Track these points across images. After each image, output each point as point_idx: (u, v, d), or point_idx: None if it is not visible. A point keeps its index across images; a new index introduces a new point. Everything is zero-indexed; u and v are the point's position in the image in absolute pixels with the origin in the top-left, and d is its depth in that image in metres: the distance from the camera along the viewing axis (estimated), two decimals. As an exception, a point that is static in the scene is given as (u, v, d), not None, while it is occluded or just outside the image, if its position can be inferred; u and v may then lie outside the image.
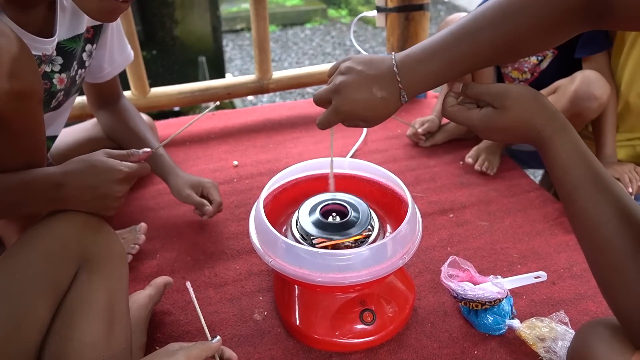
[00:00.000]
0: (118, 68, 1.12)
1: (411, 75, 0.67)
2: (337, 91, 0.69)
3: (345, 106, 0.69)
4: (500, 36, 0.62)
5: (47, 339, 0.64)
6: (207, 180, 1.12)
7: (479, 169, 1.36)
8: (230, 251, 1.10)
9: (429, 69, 0.66)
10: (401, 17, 1.71)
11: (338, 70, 0.71)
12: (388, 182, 0.96)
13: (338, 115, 0.70)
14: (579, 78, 1.17)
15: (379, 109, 0.68)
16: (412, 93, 0.68)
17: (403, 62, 0.67)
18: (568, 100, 1.17)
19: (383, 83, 0.67)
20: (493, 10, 0.63)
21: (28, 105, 0.65)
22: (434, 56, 0.66)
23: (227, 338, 0.89)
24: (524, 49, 0.65)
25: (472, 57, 0.65)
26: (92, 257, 0.69)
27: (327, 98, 0.71)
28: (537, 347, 0.83)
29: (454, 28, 0.66)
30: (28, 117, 0.66)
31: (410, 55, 0.68)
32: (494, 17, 0.62)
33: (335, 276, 0.76)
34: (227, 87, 1.65)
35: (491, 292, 0.85)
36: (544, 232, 1.15)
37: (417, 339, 0.88)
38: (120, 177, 0.71)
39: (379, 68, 0.68)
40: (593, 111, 1.18)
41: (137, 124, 1.14)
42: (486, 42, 0.63)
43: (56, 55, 0.87)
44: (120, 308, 0.71)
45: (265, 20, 1.58)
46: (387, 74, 0.67)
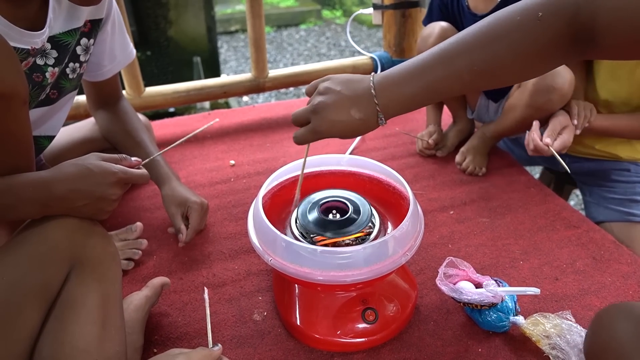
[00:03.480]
0: (118, 65, 1.09)
1: (388, 97, 0.67)
2: (315, 112, 0.70)
3: (322, 127, 0.70)
4: (479, 63, 0.62)
5: (38, 344, 0.62)
6: (194, 200, 1.05)
7: (469, 172, 1.35)
8: (229, 251, 1.08)
9: (406, 91, 0.66)
10: (397, 14, 1.70)
11: (317, 90, 0.71)
12: (389, 178, 0.95)
13: (315, 135, 0.71)
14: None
15: (357, 129, 0.69)
16: (389, 115, 0.68)
17: (381, 83, 0.67)
18: (528, 95, 1.16)
19: (361, 105, 0.68)
20: (473, 35, 0.62)
21: (9, 107, 0.62)
22: (412, 79, 0.66)
23: (226, 339, 0.87)
24: (503, 76, 0.64)
25: (449, 82, 0.64)
26: (84, 259, 0.68)
27: (305, 118, 0.72)
28: (542, 343, 0.81)
29: (434, 51, 0.65)
30: (10, 120, 0.63)
31: (387, 77, 0.67)
32: (473, 43, 0.62)
33: (336, 274, 0.75)
34: (223, 85, 1.64)
35: (486, 296, 0.84)
36: (546, 227, 1.14)
37: (420, 337, 0.87)
38: (114, 180, 0.70)
39: (357, 89, 0.68)
40: (555, 103, 1.14)
41: (135, 128, 1.12)
42: (464, 68, 0.62)
43: (51, 49, 0.85)
44: (113, 310, 0.69)
45: (261, 18, 1.57)
46: (364, 95, 0.67)
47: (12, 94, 0.61)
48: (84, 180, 0.68)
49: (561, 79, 1.11)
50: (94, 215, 0.71)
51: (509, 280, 0.99)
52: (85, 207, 0.69)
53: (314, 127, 0.70)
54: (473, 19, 1.23)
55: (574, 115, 1.14)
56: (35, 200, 0.66)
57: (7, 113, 0.62)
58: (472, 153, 1.36)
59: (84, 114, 1.43)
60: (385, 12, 1.75)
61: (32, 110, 0.88)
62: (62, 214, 0.69)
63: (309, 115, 0.71)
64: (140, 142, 1.09)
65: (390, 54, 1.79)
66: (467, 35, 0.63)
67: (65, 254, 0.66)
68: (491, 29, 0.61)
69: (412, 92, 0.66)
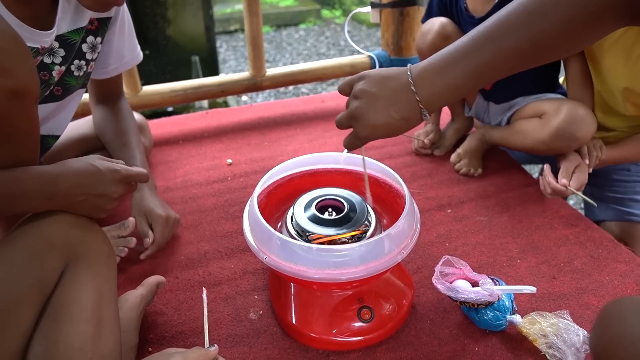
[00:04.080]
0: (125, 66, 1.10)
1: (429, 89, 0.64)
2: (354, 118, 0.68)
3: (364, 132, 0.68)
4: (526, 42, 0.58)
5: (32, 341, 0.62)
6: (159, 213, 1.02)
7: (463, 172, 1.34)
8: (225, 250, 1.08)
9: (449, 80, 0.63)
10: (395, 12, 1.70)
11: (352, 93, 0.69)
12: (385, 177, 0.94)
13: (360, 140, 0.71)
14: (564, 113, 1.09)
15: (400, 128, 0.67)
16: (433, 108, 0.65)
17: (420, 76, 0.64)
18: (548, 134, 1.12)
19: (400, 103, 0.65)
20: (517, 14, 0.59)
21: (22, 105, 0.63)
22: (455, 66, 0.62)
23: (222, 338, 0.87)
24: (550, 54, 0.61)
25: (495, 66, 0.61)
26: (79, 256, 0.67)
27: (347, 124, 0.71)
28: (539, 342, 0.81)
29: (474, 35, 0.62)
30: (21, 117, 0.64)
31: (427, 68, 0.64)
32: (518, 22, 0.58)
33: (331, 272, 0.74)
34: (221, 84, 1.63)
35: (483, 295, 0.84)
36: (543, 226, 1.14)
37: (416, 336, 0.86)
38: (117, 177, 0.71)
39: (394, 87, 0.65)
40: (571, 149, 1.14)
41: (127, 129, 1.11)
42: (510, 49, 0.59)
43: (58, 47, 0.86)
44: (108, 309, 0.69)
45: (259, 16, 1.57)
46: (403, 92, 0.65)
47: (26, 91, 0.62)
48: (88, 176, 0.69)
49: (585, 131, 1.08)
50: (94, 212, 0.72)
51: (506, 279, 0.98)
52: (87, 202, 0.69)
53: (357, 134, 0.70)
54: (471, 22, 1.22)
55: (584, 155, 1.14)
56: (40, 192, 0.66)
57: (21, 110, 0.63)
58: (469, 155, 1.35)
59: (81, 113, 1.42)
60: (383, 10, 1.74)
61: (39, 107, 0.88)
62: (60, 210, 0.69)
63: (349, 122, 0.70)
64: (126, 144, 1.08)
65: (388, 52, 1.79)
66: (511, 13, 0.59)
67: (60, 250, 0.66)
68: (536, 5, 0.57)
69: (456, 81, 0.63)
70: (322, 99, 1.84)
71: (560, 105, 1.12)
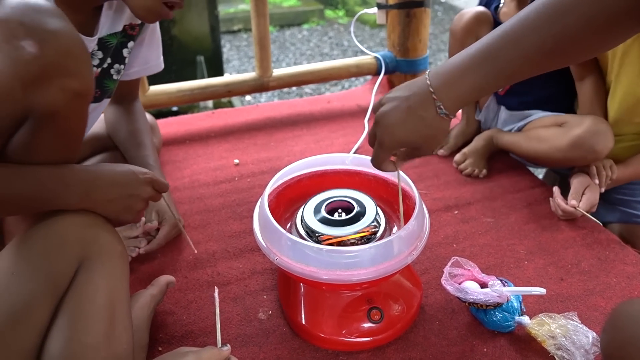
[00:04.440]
0: (147, 71, 1.12)
1: (450, 89, 0.64)
2: (377, 123, 0.69)
3: (384, 136, 0.68)
4: (548, 40, 0.58)
5: (47, 340, 0.62)
6: (171, 215, 1.05)
7: (467, 173, 1.34)
8: (233, 250, 1.08)
9: (472, 81, 0.63)
10: (402, 13, 1.70)
11: (380, 102, 0.71)
12: (394, 177, 0.95)
13: (384, 148, 0.69)
14: (587, 124, 1.11)
15: (420, 130, 0.66)
16: (453, 107, 0.65)
17: (439, 75, 0.65)
18: (568, 143, 1.12)
19: (418, 102, 0.65)
20: (537, 12, 0.58)
21: (80, 106, 0.66)
22: (477, 67, 0.62)
23: (231, 338, 0.87)
24: (574, 53, 0.60)
25: (519, 65, 0.61)
26: (93, 256, 0.68)
27: (373, 134, 0.71)
28: (548, 344, 0.81)
29: (495, 35, 0.61)
30: (78, 116, 0.68)
31: (447, 68, 0.64)
32: (539, 20, 0.58)
33: (342, 274, 0.75)
34: (227, 84, 1.64)
35: (492, 296, 0.84)
36: (550, 227, 1.14)
37: (425, 337, 0.87)
38: (147, 178, 0.76)
39: (414, 88, 0.66)
40: (586, 162, 1.14)
41: (140, 129, 1.12)
42: (533, 48, 0.59)
43: (97, 50, 0.89)
44: (121, 308, 0.69)
45: (266, 17, 1.57)
46: (421, 91, 0.65)
47: (87, 93, 0.65)
48: (123, 175, 0.74)
49: (603, 145, 1.09)
50: (124, 213, 0.74)
51: (514, 280, 0.99)
52: (119, 202, 0.72)
53: (379, 139, 0.69)
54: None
55: (593, 175, 1.14)
56: (81, 188, 0.69)
57: (78, 111, 0.66)
58: (474, 156, 1.36)
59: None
60: (390, 11, 1.75)
61: None
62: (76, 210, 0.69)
63: (375, 130, 0.70)
64: (140, 144, 1.09)
65: (394, 53, 1.79)
66: (531, 12, 0.59)
67: (74, 249, 0.66)
68: (558, 1, 0.57)
69: (478, 80, 0.62)
70: (328, 100, 1.84)
71: (583, 117, 1.14)
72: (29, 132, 0.64)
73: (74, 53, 0.61)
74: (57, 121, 0.64)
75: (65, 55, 0.60)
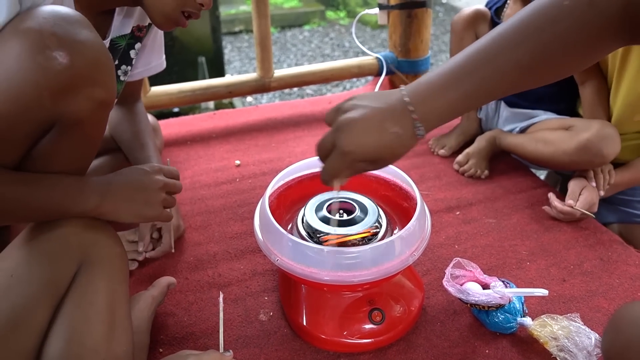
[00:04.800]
0: (150, 71, 1.12)
1: (428, 105, 0.59)
2: (340, 129, 0.59)
3: (350, 146, 0.59)
4: (525, 57, 0.56)
5: (46, 342, 0.62)
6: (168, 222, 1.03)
7: (469, 174, 1.34)
8: (234, 251, 1.08)
9: (451, 97, 0.59)
10: (403, 14, 1.70)
11: (340, 109, 0.62)
12: (395, 178, 0.95)
13: (344, 158, 0.60)
14: (595, 128, 1.11)
15: (392, 147, 0.60)
16: (430, 126, 0.60)
17: (416, 91, 0.60)
18: (575, 146, 1.12)
19: (394, 117, 0.59)
20: (514, 29, 0.57)
21: (103, 114, 0.68)
22: (455, 83, 0.59)
23: (232, 339, 0.87)
24: (552, 70, 0.58)
25: (494, 83, 0.58)
26: (93, 257, 0.68)
27: (330, 142, 0.61)
28: (550, 345, 0.81)
29: (470, 51, 0.59)
30: (100, 125, 0.70)
31: (424, 85, 0.60)
32: (516, 36, 0.56)
33: (343, 274, 0.74)
34: (228, 85, 1.64)
35: (493, 298, 0.84)
36: (552, 228, 1.13)
37: (427, 338, 0.86)
38: (155, 167, 0.78)
39: (389, 101, 0.60)
40: (592, 166, 1.15)
41: (143, 130, 1.12)
42: (509, 65, 0.57)
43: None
44: (121, 310, 0.69)
45: (267, 18, 1.57)
46: (397, 106, 0.59)
47: (111, 102, 0.67)
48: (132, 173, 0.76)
49: (611, 149, 1.10)
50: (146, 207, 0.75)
51: (516, 281, 0.98)
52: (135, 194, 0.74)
53: (341, 148, 0.59)
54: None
55: (590, 178, 1.15)
56: (95, 192, 0.70)
57: (100, 119, 0.68)
58: (477, 157, 1.35)
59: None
60: (391, 12, 1.75)
61: None
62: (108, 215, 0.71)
63: (334, 137, 0.60)
64: (144, 145, 1.09)
65: (395, 54, 1.79)
66: (507, 29, 0.57)
67: (74, 251, 0.66)
68: (534, 18, 0.55)
69: (456, 98, 0.59)
70: (329, 100, 1.84)
71: (591, 121, 1.15)
72: (51, 139, 0.65)
73: (101, 63, 0.62)
74: (82, 129, 0.65)
75: (93, 66, 0.61)
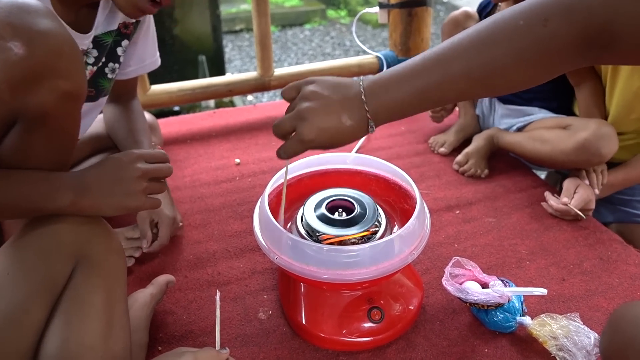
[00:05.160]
0: (144, 69, 1.12)
1: (378, 102, 0.63)
2: (302, 118, 0.64)
3: (310, 135, 0.64)
4: (476, 68, 0.57)
5: (43, 340, 0.62)
6: (166, 213, 1.04)
7: (470, 174, 1.33)
8: (233, 249, 1.08)
9: (396, 97, 0.62)
10: (404, 13, 1.70)
11: (301, 94, 0.67)
12: (395, 177, 0.94)
13: (303, 145, 0.66)
14: (593, 127, 1.11)
15: (346, 136, 0.65)
16: (379, 121, 0.64)
17: (371, 88, 0.63)
18: (573, 146, 1.12)
19: (351, 110, 0.64)
20: (470, 39, 0.58)
21: (72, 106, 0.65)
22: (402, 84, 0.62)
23: (231, 338, 0.87)
24: (502, 83, 0.59)
25: (443, 89, 0.60)
26: (89, 254, 0.67)
27: (290, 126, 0.66)
28: (549, 344, 0.81)
29: (428, 55, 0.61)
30: (69, 118, 0.66)
31: (377, 82, 0.64)
32: (470, 47, 0.57)
33: (342, 273, 0.74)
34: (228, 84, 1.64)
35: (492, 297, 0.83)
36: (552, 227, 1.13)
37: (426, 337, 0.86)
38: (132, 156, 0.72)
39: (347, 94, 0.64)
40: (590, 164, 1.15)
41: (138, 128, 1.11)
42: (459, 73, 0.58)
43: (92, 48, 0.88)
44: (119, 307, 0.69)
45: (267, 16, 1.57)
46: (354, 100, 0.64)
47: (80, 94, 0.64)
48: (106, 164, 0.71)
49: (608, 148, 1.10)
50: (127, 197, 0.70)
51: (516, 280, 0.98)
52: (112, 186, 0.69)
53: (301, 135, 0.65)
54: None
55: (583, 177, 1.16)
56: (68, 188, 0.67)
57: (70, 111, 0.65)
58: (476, 156, 1.35)
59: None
60: (391, 11, 1.74)
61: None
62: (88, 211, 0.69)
63: (294, 123, 0.66)
64: (138, 143, 1.08)
65: (396, 53, 1.79)
66: (464, 38, 0.58)
67: (70, 249, 0.66)
68: (490, 32, 0.56)
69: (401, 98, 0.62)
70: (329, 99, 1.84)
71: (588, 121, 1.15)
72: (19, 135, 0.63)
73: (64, 53, 0.59)
74: (49, 123, 0.63)
75: (54, 56, 0.58)
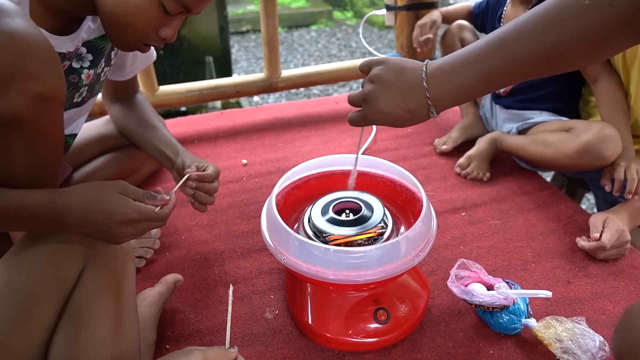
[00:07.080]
0: (139, 66, 1.12)
1: (441, 88, 0.64)
2: (366, 101, 0.70)
3: (372, 116, 0.70)
4: (541, 49, 0.58)
5: (54, 337, 0.63)
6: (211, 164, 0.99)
7: (472, 177, 1.33)
8: (240, 249, 1.09)
9: (461, 81, 0.63)
10: (411, 15, 1.70)
11: (369, 76, 0.71)
12: (402, 179, 0.95)
13: (366, 122, 0.73)
14: (595, 130, 1.10)
15: (406, 121, 0.69)
16: (441, 107, 0.66)
17: (434, 74, 0.65)
18: (576, 149, 1.12)
19: (411, 97, 0.66)
20: (534, 20, 0.58)
21: (48, 109, 0.62)
22: (467, 68, 0.62)
23: (238, 337, 0.88)
24: (565, 64, 0.59)
25: (508, 71, 0.61)
26: (98, 254, 0.68)
27: (357, 103, 0.73)
28: (554, 347, 0.81)
29: (491, 38, 0.61)
30: (47, 121, 0.63)
31: (443, 67, 0.65)
32: (535, 28, 0.58)
33: (349, 274, 0.75)
34: (236, 85, 1.65)
35: (498, 299, 0.84)
36: (558, 230, 1.14)
37: (431, 338, 0.87)
38: (125, 219, 0.66)
39: (409, 80, 0.66)
40: (594, 167, 1.13)
41: (150, 116, 1.12)
42: (525, 55, 0.59)
43: (86, 53, 0.88)
44: (128, 306, 0.70)
45: (275, 18, 1.58)
46: (416, 87, 0.66)
47: (53, 96, 0.61)
48: (95, 213, 0.65)
49: (611, 151, 1.09)
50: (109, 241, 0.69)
51: (521, 282, 0.98)
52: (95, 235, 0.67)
53: (365, 114, 0.71)
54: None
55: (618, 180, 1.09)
56: (48, 221, 0.64)
57: (47, 114, 0.62)
58: (478, 159, 1.35)
59: (98, 112, 1.44)
60: (399, 13, 1.75)
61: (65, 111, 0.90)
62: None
63: (361, 102, 0.72)
64: (154, 125, 1.09)
65: (402, 55, 1.79)
66: (529, 19, 0.58)
67: (79, 248, 0.67)
68: (555, 13, 0.56)
69: (467, 82, 0.63)
70: (336, 101, 1.85)
71: (591, 123, 1.14)
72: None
73: (33, 54, 0.57)
74: (26, 128, 0.60)
75: (22, 57, 0.56)
